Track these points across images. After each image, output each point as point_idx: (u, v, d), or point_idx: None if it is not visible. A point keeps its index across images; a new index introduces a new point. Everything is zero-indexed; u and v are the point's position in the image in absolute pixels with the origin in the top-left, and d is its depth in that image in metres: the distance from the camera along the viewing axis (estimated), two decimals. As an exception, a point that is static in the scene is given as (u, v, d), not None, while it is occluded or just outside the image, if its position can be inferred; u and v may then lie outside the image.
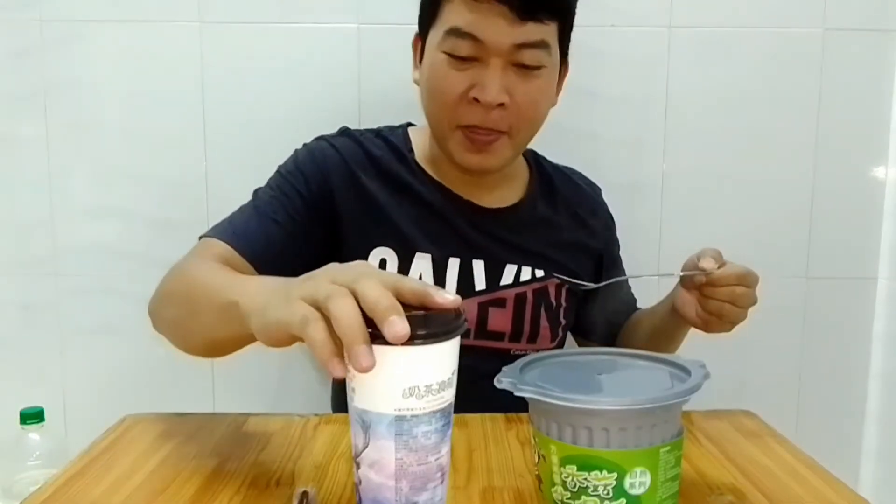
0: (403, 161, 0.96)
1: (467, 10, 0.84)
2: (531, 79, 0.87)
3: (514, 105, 0.87)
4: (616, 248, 1.13)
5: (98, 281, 1.28)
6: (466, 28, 0.84)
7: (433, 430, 0.51)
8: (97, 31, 1.23)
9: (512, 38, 0.84)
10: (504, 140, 0.89)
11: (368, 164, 0.94)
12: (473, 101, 0.86)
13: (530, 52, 0.86)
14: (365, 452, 0.51)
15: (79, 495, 0.65)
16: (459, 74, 0.86)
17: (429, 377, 0.50)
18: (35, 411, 1.08)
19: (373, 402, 0.50)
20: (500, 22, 0.83)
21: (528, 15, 0.84)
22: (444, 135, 0.91)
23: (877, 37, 1.27)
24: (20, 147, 1.26)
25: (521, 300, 0.96)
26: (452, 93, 0.86)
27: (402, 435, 0.49)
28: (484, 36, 0.84)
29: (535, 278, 0.97)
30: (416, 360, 0.49)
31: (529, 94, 0.87)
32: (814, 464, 0.72)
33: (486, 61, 0.85)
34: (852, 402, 1.36)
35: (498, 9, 0.83)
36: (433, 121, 0.92)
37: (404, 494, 0.50)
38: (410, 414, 0.49)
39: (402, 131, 1.01)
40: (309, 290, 0.50)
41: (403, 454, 0.50)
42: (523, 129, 0.90)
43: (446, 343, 0.50)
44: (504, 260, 0.96)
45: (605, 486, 0.55)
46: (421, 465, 0.50)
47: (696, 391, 0.57)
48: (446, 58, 0.86)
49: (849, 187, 1.31)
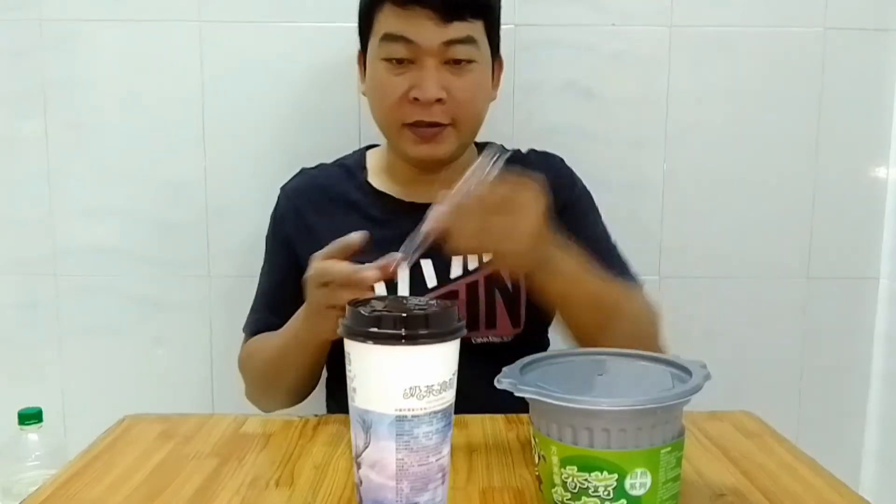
0: (353, 181, 1.06)
1: (396, 16, 0.92)
2: (464, 73, 0.94)
3: (451, 99, 0.94)
4: (586, 221, 1.06)
5: (97, 281, 1.28)
6: (398, 32, 0.92)
7: (434, 431, 0.51)
8: (96, 30, 1.24)
9: (440, 37, 0.92)
10: (449, 130, 0.96)
11: (318, 197, 1.05)
12: (414, 101, 0.93)
13: (460, 47, 0.93)
14: (366, 453, 0.51)
15: (78, 496, 0.65)
16: (398, 78, 0.94)
17: (429, 377, 0.50)
18: (33, 412, 1.08)
19: (374, 403, 0.50)
20: (428, 24, 0.91)
21: (451, 16, 0.91)
22: (393, 135, 0.98)
23: (877, 36, 1.27)
24: (19, 147, 1.26)
25: (472, 289, 0.98)
26: (394, 95, 0.94)
27: (403, 435, 0.49)
28: (415, 37, 0.92)
29: (485, 264, 0.99)
30: (417, 360, 0.49)
31: (465, 87, 0.94)
32: (815, 464, 0.72)
33: (421, 62, 0.93)
34: (853, 402, 1.36)
35: (424, 12, 0.91)
36: (382, 124, 0.99)
37: (405, 495, 0.50)
38: (411, 414, 0.49)
39: (360, 154, 1.10)
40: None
41: (404, 454, 0.50)
42: (465, 121, 0.97)
43: (447, 344, 0.50)
44: (450, 253, 0.97)
45: (605, 486, 0.55)
46: (422, 466, 0.50)
47: (697, 392, 0.57)
48: (385, 64, 0.95)
49: (850, 187, 1.31)
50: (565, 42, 1.26)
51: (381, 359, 0.49)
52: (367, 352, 0.50)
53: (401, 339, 0.49)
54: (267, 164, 1.26)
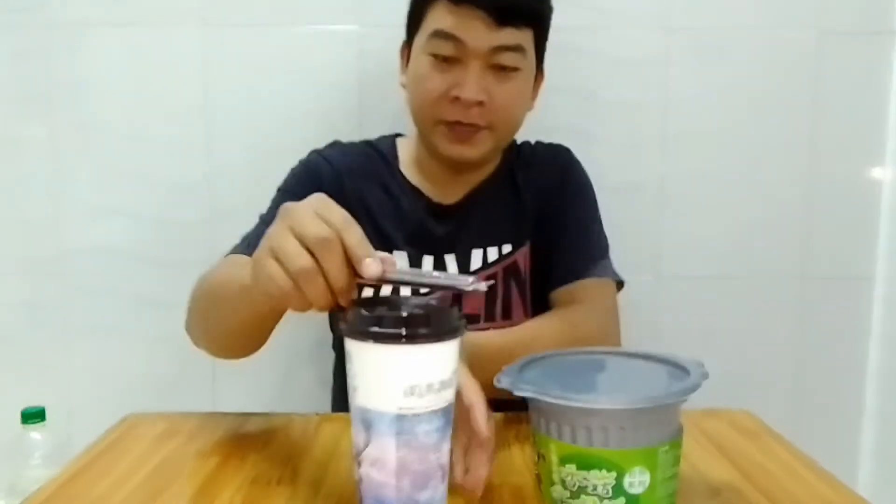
0: (388, 167, 1.04)
1: (449, 14, 0.91)
2: (508, 80, 0.94)
3: (491, 104, 0.93)
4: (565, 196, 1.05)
5: (101, 281, 1.28)
6: (449, 30, 0.91)
7: (434, 429, 0.51)
8: (101, 33, 1.24)
9: (490, 41, 0.91)
10: (485, 133, 0.96)
11: (356, 170, 1.02)
12: (454, 100, 0.93)
13: (507, 54, 0.93)
14: (366, 451, 0.51)
15: (80, 494, 0.65)
16: (442, 75, 0.93)
17: (430, 376, 0.50)
18: (36, 411, 1.09)
19: (374, 401, 0.50)
20: (480, 26, 0.91)
21: (505, 20, 0.91)
22: (428, 130, 0.97)
23: (873, 38, 1.28)
24: (25, 148, 1.26)
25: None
26: (435, 91, 0.93)
27: (403, 433, 0.50)
28: (464, 38, 0.91)
29: (503, 255, 1.01)
30: (417, 358, 0.50)
31: (506, 94, 0.94)
32: (812, 463, 0.72)
33: (466, 63, 0.92)
34: (850, 401, 1.36)
35: (478, 13, 0.90)
36: (418, 117, 0.98)
37: (405, 493, 0.51)
38: (411, 412, 0.50)
39: (391, 141, 1.08)
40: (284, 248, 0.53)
41: (405, 452, 0.50)
42: (501, 126, 0.96)
43: (448, 343, 0.51)
44: (469, 246, 1.01)
45: (604, 485, 0.56)
46: (422, 464, 0.51)
47: (694, 390, 0.58)
48: (430, 59, 0.94)
49: (845, 187, 1.31)
50: (565, 43, 1.26)
51: (382, 358, 0.49)
52: (369, 351, 0.50)
53: (401, 338, 0.49)
54: (270, 165, 1.26)
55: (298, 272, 0.52)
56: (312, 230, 0.52)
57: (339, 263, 0.52)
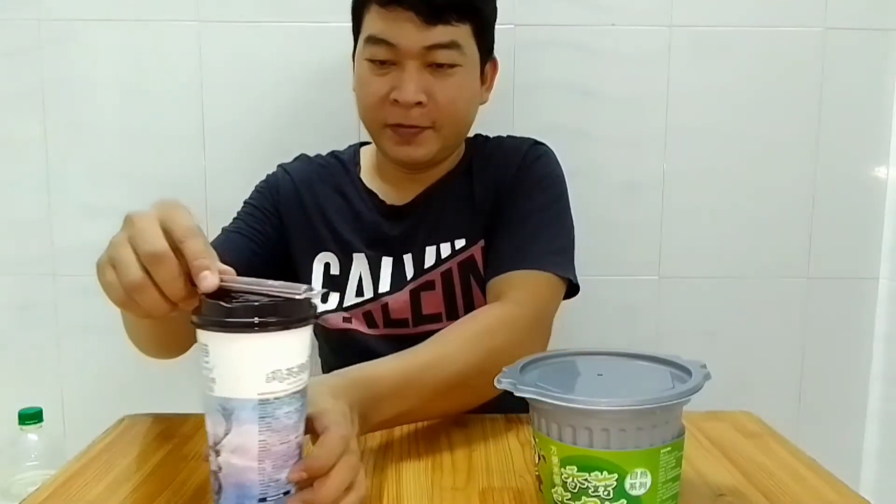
0: (348, 175, 1.06)
1: (380, 18, 0.92)
2: (446, 77, 0.94)
3: (433, 103, 0.94)
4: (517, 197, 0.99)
5: (96, 281, 1.27)
6: (380, 35, 0.92)
7: (294, 410, 0.53)
8: (95, 30, 1.23)
9: (422, 41, 0.91)
10: (429, 133, 0.96)
11: (315, 180, 1.05)
12: (394, 103, 0.93)
13: (442, 52, 0.92)
14: (227, 439, 0.52)
15: (77, 496, 0.65)
16: (380, 79, 0.94)
17: (289, 360, 0.53)
18: (33, 412, 1.08)
19: (235, 390, 0.52)
20: (410, 27, 0.91)
21: (435, 19, 0.91)
22: (376, 134, 0.99)
23: (877, 36, 1.27)
24: (18, 146, 1.26)
25: (447, 277, 0.99)
26: (375, 95, 0.94)
27: (266, 417, 0.52)
28: (396, 41, 0.92)
29: (456, 251, 1.00)
30: (276, 345, 0.52)
31: (446, 91, 0.94)
32: (814, 464, 0.72)
33: (403, 64, 0.93)
34: (853, 402, 1.36)
35: (406, 15, 0.90)
36: (366, 123, 1.00)
37: (267, 474, 0.53)
38: (273, 397, 0.52)
39: (355, 149, 1.10)
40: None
41: (267, 436, 0.52)
42: (447, 124, 0.96)
43: (303, 329, 0.53)
44: (423, 244, 1.01)
45: (605, 486, 0.55)
46: (283, 444, 0.53)
47: (696, 392, 0.57)
48: (368, 64, 0.95)
49: (849, 187, 1.31)
50: (565, 42, 1.26)
51: (243, 345, 0.51)
52: (228, 341, 0.52)
53: (266, 326, 0.51)
54: (265, 163, 1.25)
55: (128, 285, 0.54)
56: (145, 244, 0.53)
57: (172, 276, 0.52)
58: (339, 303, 1.00)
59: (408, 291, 0.99)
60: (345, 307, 1.00)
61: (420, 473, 0.69)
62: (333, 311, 1.00)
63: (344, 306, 1.00)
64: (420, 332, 0.97)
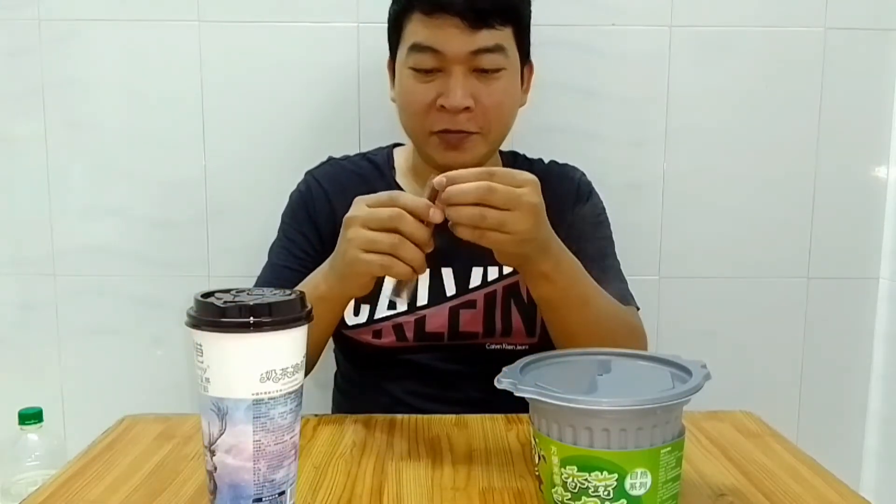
0: (383, 178, 1.05)
1: (424, 26, 0.92)
2: (492, 81, 0.94)
3: (479, 107, 0.93)
4: (590, 235, 1.04)
5: (96, 281, 1.28)
6: (426, 42, 0.92)
7: (288, 411, 0.54)
8: (95, 30, 1.24)
9: (468, 46, 0.91)
10: (476, 138, 0.95)
11: (348, 187, 1.01)
12: (441, 109, 0.93)
13: (488, 56, 0.92)
14: (221, 439, 0.53)
15: (77, 496, 0.65)
16: (426, 86, 0.94)
17: (283, 360, 0.53)
18: (33, 412, 1.08)
19: (230, 390, 0.52)
20: (455, 33, 0.91)
21: (480, 23, 0.91)
22: (421, 142, 0.98)
23: (878, 36, 1.27)
24: (18, 147, 1.26)
25: (490, 299, 0.99)
26: (422, 103, 0.94)
27: (260, 417, 0.52)
28: (442, 48, 0.91)
29: (503, 276, 0.99)
30: (270, 345, 0.52)
31: (493, 95, 0.94)
32: (815, 464, 0.72)
33: (449, 70, 0.92)
34: (854, 402, 1.36)
35: (451, 21, 0.90)
36: (410, 131, 0.99)
37: (262, 474, 0.53)
38: (268, 396, 0.52)
39: (388, 151, 1.09)
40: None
41: (261, 436, 0.53)
42: (493, 128, 0.96)
43: (297, 329, 0.54)
44: (470, 264, 1.00)
45: (605, 486, 0.55)
46: (278, 444, 0.54)
47: (697, 391, 0.57)
48: (412, 72, 0.94)
49: (850, 187, 1.31)
50: (566, 42, 1.26)
51: (238, 345, 0.51)
52: (223, 341, 0.52)
53: (261, 325, 0.51)
54: (266, 164, 1.26)
55: (391, 247, 0.71)
56: (381, 215, 0.72)
57: (416, 224, 0.71)
58: (369, 315, 0.98)
59: (447, 308, 0.98)
60: (375, 319, 0.98)
61: (420, 473, 0.69)
62: (364, 324, 0.98)
63: (375, 318, 0.98)
64: (451, 345, 0.98)
